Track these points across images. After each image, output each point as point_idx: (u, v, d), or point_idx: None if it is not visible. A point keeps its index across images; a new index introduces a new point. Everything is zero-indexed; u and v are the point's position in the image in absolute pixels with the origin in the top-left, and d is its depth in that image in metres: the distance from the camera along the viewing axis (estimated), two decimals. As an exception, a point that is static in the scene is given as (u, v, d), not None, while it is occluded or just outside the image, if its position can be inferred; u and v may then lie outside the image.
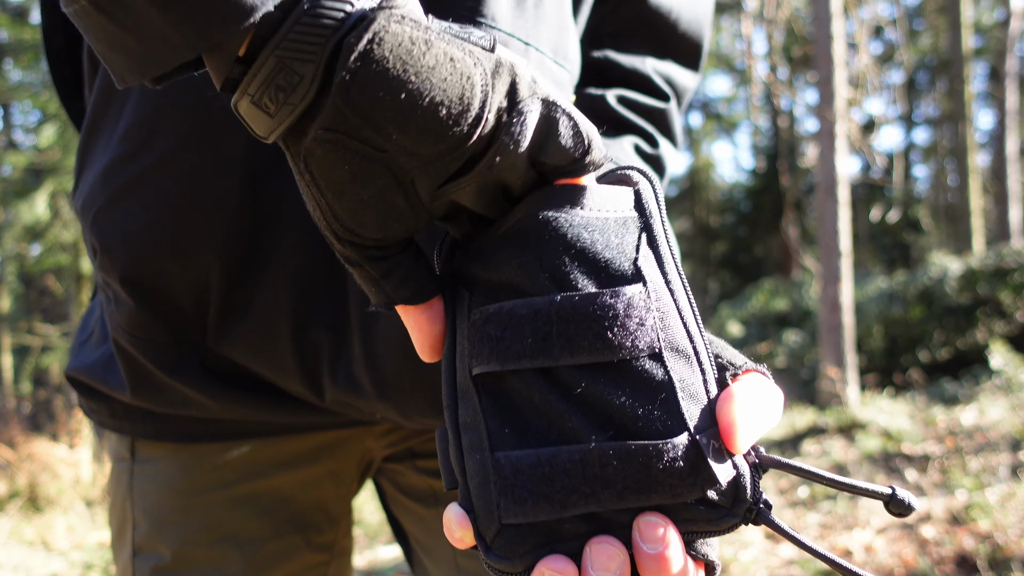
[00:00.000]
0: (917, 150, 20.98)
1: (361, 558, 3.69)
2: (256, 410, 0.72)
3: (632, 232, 0.43)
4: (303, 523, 0.81)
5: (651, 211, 0.44)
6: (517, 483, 0.39)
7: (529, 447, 0.40)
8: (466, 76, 0.38)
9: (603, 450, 0.39)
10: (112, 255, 0.66)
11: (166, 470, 0.77)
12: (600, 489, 0.39)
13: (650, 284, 0.41)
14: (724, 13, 15.70)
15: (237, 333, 0.67)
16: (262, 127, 0.40)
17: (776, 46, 9.55)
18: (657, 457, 0.38)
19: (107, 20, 0.38)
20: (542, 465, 0.39)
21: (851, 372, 5.65)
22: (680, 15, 0.79)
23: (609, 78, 0.78)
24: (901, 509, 0.41)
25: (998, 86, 11.54)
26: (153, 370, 0.70)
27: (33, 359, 8.61)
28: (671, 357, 0.40)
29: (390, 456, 0.86)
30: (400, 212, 0.41)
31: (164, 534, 0.77)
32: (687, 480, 0.39)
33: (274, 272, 0.66)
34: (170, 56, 0.38)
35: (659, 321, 0.41)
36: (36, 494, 4.96)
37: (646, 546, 0.39)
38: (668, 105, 0.80)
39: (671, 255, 0.43)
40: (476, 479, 0.41)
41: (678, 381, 0.40)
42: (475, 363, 0.42)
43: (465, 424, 0.42)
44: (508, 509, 0.40)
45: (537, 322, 0.40)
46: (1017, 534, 2.88)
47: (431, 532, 0.85)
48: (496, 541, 0.40)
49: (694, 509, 0.39)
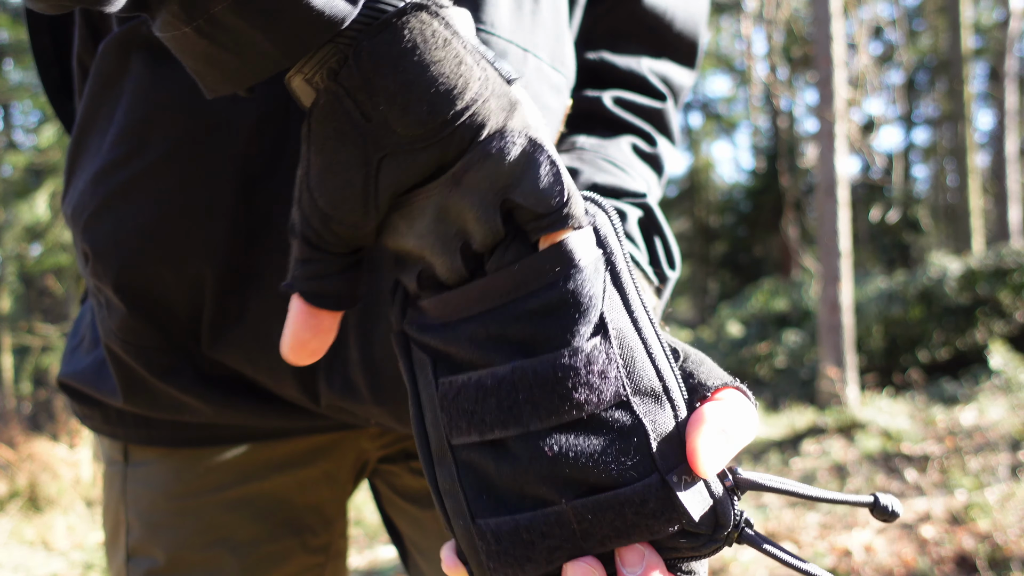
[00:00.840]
0: (917, 150, 20.98)
1: (361, 558, 3.69)
2: (250, 415, 0.72)
3: (599, 275, 0.42)
4: (298, 525, 0.80)
5: (611, 247, 0.42)
6: (501, 550, 0.40)
7: (507, 513, 0.41)
8: (464, 79, 0.40)
9: (576, 508, 0.39)
10: (104, 261, 0.65)
11: (159, 474, 0.77)
12: (582, 541, 0.40)
13: (612, 331, 0.41)
14: (724, 13, 15.69)
15: (231, 339, 0.67)
16: (309, 100, 0.43)
17: (776, 46, 9.55)
18: (629, 504, 0.39)
19: (208, 43, 0.41)
20: (520, 532, 0.40)
21: (851, 372, 5.66)
22: (675, 15, 0.79)
23: (605, 79, 0.78)
24: (885, 516, 0.41)
25: (998, 86, 11.54)
26: (145, 375, 0.69)
27: (33, 359, 8.61)
28: (639, 401, 0.40)
29: (385, 457, 0.86)
30: (354, 193, 0.42)
31: (158, 538, 0.76)
32: (661, 519, 0.39)
33: (268, 277, 0.65)
34: (269, 67, 0.42)
35: (623, 368, 0.40)
36: (36, 494, 4.96)
37: (627, 570, 0.40)
38: (665, 104, 0.79)
39: (635, 290, 0.42)
40: (463, 542, 0.42)
41: (648, 423, 0.40)
42: (454, 435, 0.42)
43: (445, 490, 0.43)
44: (497, 571, 0.41)
45: (502, 392, 0.41)
46: (1017, 534, 2.88)
47: (426, 533, 0.85)
48: None
49: (675, 540, 0.40)
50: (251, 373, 0.68)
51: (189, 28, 0.40)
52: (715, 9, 16.53)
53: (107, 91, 0.65)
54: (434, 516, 0.84)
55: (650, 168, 0.77)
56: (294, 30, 0.40)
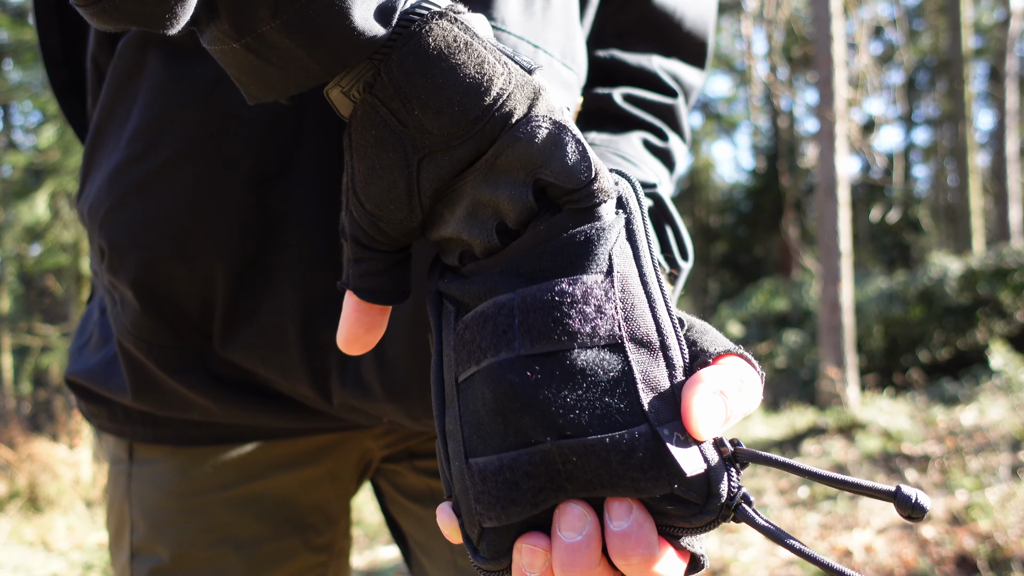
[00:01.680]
0: (917, 150, 20.98)
1: (361, 558, 3.69)
2: (259, 415, 0.72)
3: (616, 229, 0.43)
4: (302, 524, 0.81)
5: (631, 208, 0.44)
6: (487, 490, 0.40)
7: (494, 452, 0.40)
8: (488, 76, 0.43)
9: (560, 448, 0.38)
10: (120, 256, 0.66)
11: (164, 472, 0.77)
12: (566, 483, 0.39)
13: (617, 275, 0.41)
14: (724, 13, 15.69)
15: (243, 337, 0.67)
16: (347, 111, 0.46)
17: (776, 46, 9.55)
18: (614, 451, 0.37)
19: (254, 57, 0.44)
20: (504, 471, 0.39)
21: (851, 372, 5.65)
22: (685, 14, 0.79)
23: (616, 77, 0.79)
24: (910, 510, 0.37)
25: (998, 86, 11.54)
26: (156, 372, 0.70)
27: (33, 359, 8.61)
28: (633, 348, 0.40)
29: (388, 456, 0.86)
30: (399, 193, 0.45)
31: (162, 536, 0.77)
32: (650, 473, 0.37)
33: (281, 275, 0.66)
34: (310, 81, 0.45)
35: (622, 311, 0.40)
36: (36, 494, 4.96)
37: (613, 524, 0.38)
38: (676, 101, 0.80)
39: (649, 250, 0.43)
40: (458, 486, 0.42)
41: (639, 373, 0.39)
42: (460, 370, 0.43)
43: (450, 432, 0.43)
44: (484, 515, 0.40)
45: (500, 316, 0.41)
46: (1017, 534, 2.88)
47: (429, 532, 0.85)
48: (481, 544, 0.41)
49: (664, 504, 0.38)
50: (263, 372, 0.69)
51: (238, 44, 0.43)
52: (716, 8, 16.52)
53: (124, 90, 0.66)
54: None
55: (661, 163, 0.77)
56: (335, 49, 0.43)
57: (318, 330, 0.66)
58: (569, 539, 0.38)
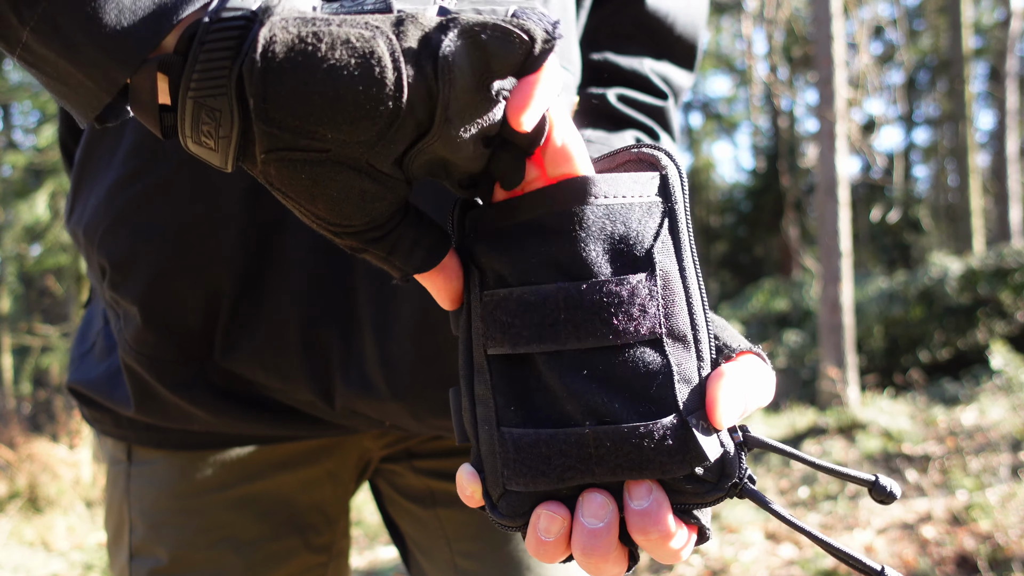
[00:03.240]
0: (917, 150, 20.97)
1: (361, 558, 3.69)
2: (260, 426, 0.73)
3: (654, 218, 0.44)
4: (301, 524, 0.80)
5: (676, 197, 0.44)
6: (518, 459, 0.43)
7: (531, 426, 0.43)
8: (368, 51, 0.37)
9: (597, 433, 0.41)
10: (123, 272, 0.67)
11: (163, 472, 0.77)
12: (595, 466, 0.42)
13: (659, 272, 0.43)
14: (724, 13, 15.69)
15: (245, 345, 0.68)
16: (216, 160, 0.40)
17: (776, 46, 9.54)
18: (648, 437, 0.41)
19: (37, 72, 0.40)
20: (540, 445, 0.42)
21: (851, 372, 5.65)
22: (676, 18, 0.81)
23: (609, 78, 0.81)
24: (883, 496, 0.43)
25: (998, 86, 11.54)
26: (158, 388, 0.70)
27: (33, 359, 8.61)
28: (670, 343, 0.42)
29: (387, 457, 0.86)
30: (373, 194, 0.41)
31: (161, 537, 0.77)
32: (676, 457, 0.41)
33: (279, 280, 0.66)
34: (94, 100, 0.40)
35: (662, 308, 0.42)
36: (36, 495, 4.96)
37: (634, 503, 0.42)
38: (666, 103, 0.82)
39: (689, 242, 0.44)
40: (485, 447, 0.45)
41: (675, 366, 0.42)
42: (489, 344, 0.44)
43: (479, 397, 0.45)
44: (511, 479, 0.43)
45: (546, 309, 0.42)
46: (1018, 534, 2.87)
47: (429, 533, 0.85)
48: (500, 502, 0.44)
49: (682, 484, 0.42)
50: (264, 380, 0.69)
51: (16, 58, 0.40)
52: (715, 9, 16.53)
53: None
54: (436, 516, 0.84)
55: None
56: (94, 61, 0.38)
57: (318, 332, 0.67)
58: (592, 525, 0.41)
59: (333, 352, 0.67)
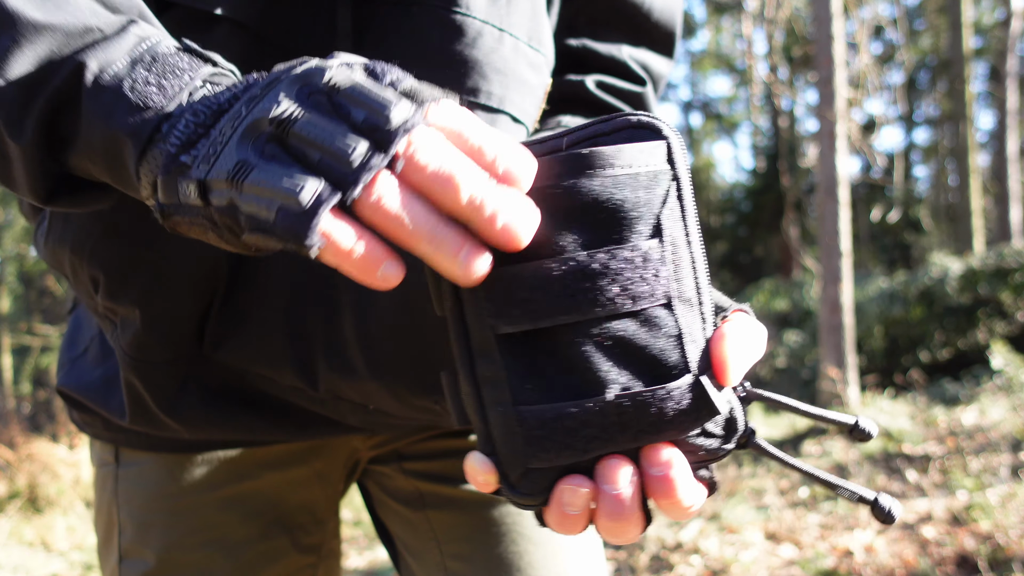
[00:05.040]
0: (917, 150, 20.97)
1: (361, 558, 3.69)
2: (249, 432, 0.73)
3: (662, 185, 0.44)
4: (290, 524, 0.80)
5: (679, 165, 0.45)
6: (543, 435, 0.43)
7: (551, 401, 0.43)
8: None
9: (620, 400, 0.42)
10: (120, 279, 0.66)
11: (152, 473, 0.77)
12: (618, 434, 0.43)
13: (667, 237, 0.43)
14: (724, 13, 15.68)
15: (233, 336, 0.68)
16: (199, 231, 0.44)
17: (776, 46, 9.54)
18: (668, 399, 0.42)
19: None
20: (564, 419, 0.43)
21: (851, 372, 5.65)
22: (653, 4, 0.82)
23: (588, 65, 0.82)
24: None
25: (998, 86, 11.53)
26: (152, 407, 0.71)
27: (33, 359, 8.61)
28: (679, 306, 0.44)
29: (376, 458, 0.86)
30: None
31: (150, 538, 0.76)
32: (692, 416, 0.43)
33: (267, 267, 0.66)
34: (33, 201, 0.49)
35: (673, 272, 0.44)
36: (36, 495, 4.96)
37: (653, 469, 0.43)
38: (645, 89, 0.84)
39: (693, 208, 0.45)
40: (499, 429, 0.44)
41: (685, 328, 0.44)
42: (501, 323, 0.43)
43: (485, 378, 0.44)
44: (534, 456, 0.43)
45: (565, 280, 0.42)
46: (1018, 534, 2.87)
47: (418, 535, 0.84)
48: (522, 481, 0.45)
49: (695, 443, 0.44)
50: (251, 367, 0.69)
51: None
52: (715, 9, 16.51)
53: None
54: (426, 518, 0.83)
55: None
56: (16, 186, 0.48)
57: (302, 317, 0.67)
58: (614, 491, 0.43)
59: (316, 336, 0.67)
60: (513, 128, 0.71)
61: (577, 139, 0.45)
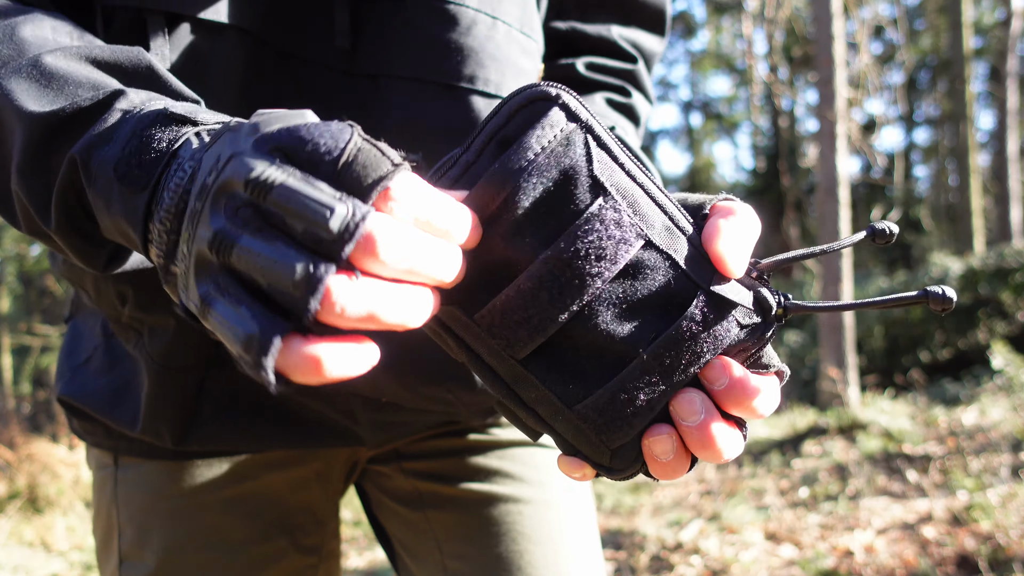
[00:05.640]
0: (918, 150, 20.96)
1: (361, 558, 3.68)
2: (260, 444, 0.74)
3: (578, 144, 0.43)
4: (290, 525, 0.80)
5: (584, 116, 0.44)
6: (607, 419, 0.44)
7: (598, 387, 0.44)
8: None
9: (653, 352, 0.43)
10: (150, 291, 0.67)
11: (151, 475, 0.76)
12: (670, 378, 0.44)
13: (610, 188, 0.43)
14: (724, 13, 15.68)
15: None
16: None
17: (776, 46, 9.53)
18: (694, 324, 0.43)
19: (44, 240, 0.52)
20: (617, 395, 0.44)
21: (852, 372, 5.65)
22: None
23: (578, 47, 0.83)
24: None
25: (999, 86, 11.53)
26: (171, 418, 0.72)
27: (33, 359, 8.60)
28: (657, 236, 0.44)
29: (375, 457, 0.86)
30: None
31: (150, 541, 0.76)
32: (721, 326, 0.44)
33: None
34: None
35: (633, 213, 0.43)
36: (36, 495, 4.96)
37: (716, 385, 0.44)
38: (636, 66, 0.85)
39: (617, 144, 0.44)
40: (571, 434, 0.46)
41: (672, 252, 0.44)
42: (516, 350, 0.44)
43: (533, 400, 0.45)
44: (612, 439, 0.45)
45: (547, 282, 0.42)
46: (1018, 535, 2.87)
47: (418, 535, 0.84)
48: (613, 462, 0.46)
49: (739, 341, 0.44)
50: None
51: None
52: (715, 9, 16.50)
53: None
54: (425, 518, 0.83)
55: (625, 117, 0.82)
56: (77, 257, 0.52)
57: None
58: (695, 421, 0.44)
59: None
60: None
61: (481, 147, 0.44)
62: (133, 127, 0.45)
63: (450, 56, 0.67)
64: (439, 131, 0.68)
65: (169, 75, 0.52)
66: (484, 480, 0.81)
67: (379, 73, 0.66)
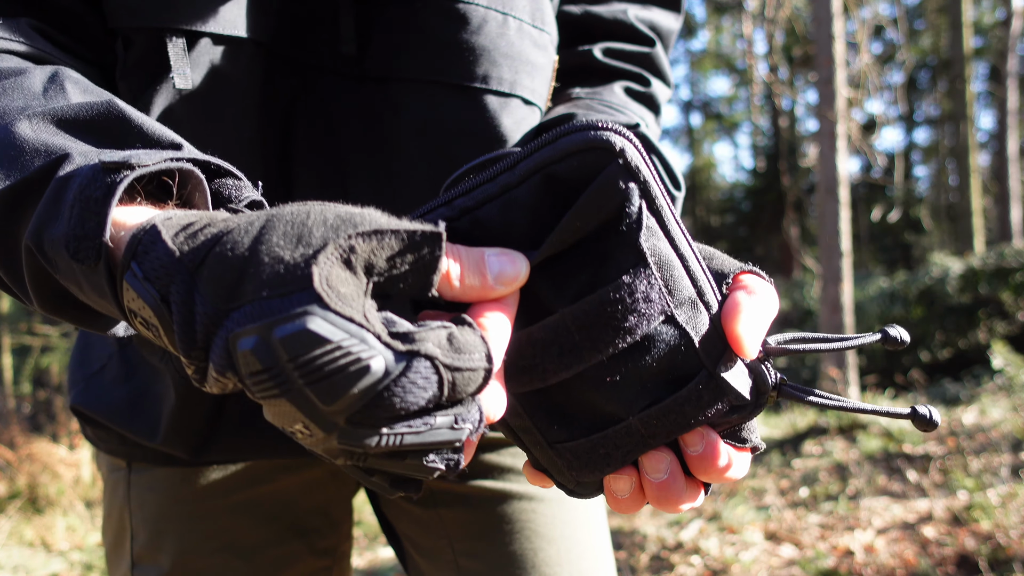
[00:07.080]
0: (918, 150, 20.96)
1: (361, 558, 3.68)
2: (276, 454, 0.74)
3: (633, 208, 0.41)
4: (305, 528, 0.80)
5: (643, 173, 0.41)
6: (580, 463, 0.47)
7: (580, 435, 0.46)
8: None
9: (642, 419, 0.44)
10: None
11: (166, 478, 0.76)
12: (649, 441, 0.45)
13: (650, 257, 0.42)
14: (724, 13, 15.68)
15: None
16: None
17: (776, 46, 9.53)
18: (687, 402, 0.44)
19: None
20: (596, 448, 0.46)
21: (852, 372, 5.64)
22: None
23: (594, 33, 0.81)
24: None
25: (999, 86, 11.53)
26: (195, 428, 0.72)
27: (33, 359, 8.60)
28: (680, 313, 0.43)
29: None
30: None
31: (164, 544, 0.76)
32: (715, 404, 0.44)
33: None
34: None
35: (664, 288, 0.43)
36: (36, 495, 4.96)
37: (691, 450, 0.45)
38: (654, 49, 0.83)
39: (668, 208, 0.43)
40: (544, 460, 0.48)
41: (691, 330, 0.43)
42: (515, 387, 0.45)
43: (519, 427, 0.47)
44: (581, 475, 0.47)
45: (560, 338, 0.43)
46: (1018, 534, 2.87)
47: (430, 534, 0.84)
48: (576, 489, 0.49)
49: (726, 417, 0.45)
50: None
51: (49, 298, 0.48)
52: (715, 9, 16.50)
53: None
54: (438, 516, 0.83)
55: (644, 107, 0.80)
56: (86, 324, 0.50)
57: None
58: (658, 479, 0.46)
59: None
60: (525, 110, 0.71)
61: (525, 174, 0.41)
62: (75, 193, 0.41)
63: (462, 56, 0.66)
64: (454, 133, 0.67)
65: (144, 119, 0.48)
66: (497, 477, 0.81)
67: (389, 77, 0.66)
